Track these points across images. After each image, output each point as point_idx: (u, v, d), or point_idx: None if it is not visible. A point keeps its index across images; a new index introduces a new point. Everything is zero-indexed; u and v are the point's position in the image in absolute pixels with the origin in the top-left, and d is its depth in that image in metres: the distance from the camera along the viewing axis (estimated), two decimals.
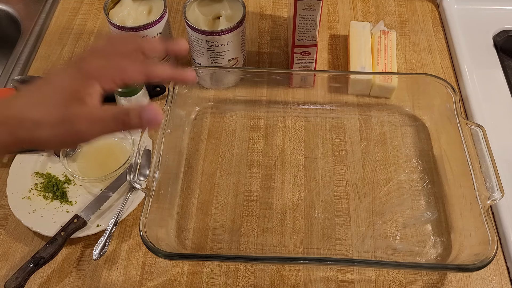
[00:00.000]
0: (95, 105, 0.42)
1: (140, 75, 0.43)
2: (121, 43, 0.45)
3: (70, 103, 0.41)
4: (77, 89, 0.41)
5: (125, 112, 0.41)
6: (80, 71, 0.42)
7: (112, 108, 0.41)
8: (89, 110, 0.41)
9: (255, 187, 0.68)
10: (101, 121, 0.41)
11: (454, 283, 0.61)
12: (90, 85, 0.41)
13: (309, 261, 0.60)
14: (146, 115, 0.41)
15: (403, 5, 0.92)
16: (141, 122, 0.41)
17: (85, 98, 0.41)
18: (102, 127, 0.41)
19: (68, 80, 0.42)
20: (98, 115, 0.41)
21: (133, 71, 0.43)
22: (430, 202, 0.66)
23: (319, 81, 0.77)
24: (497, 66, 0.81)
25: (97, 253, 0.60)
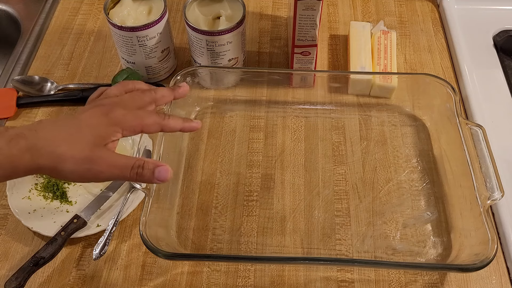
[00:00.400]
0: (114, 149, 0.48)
1: (157, 127, 0.50)
2: (139, 97, 0.51)
3: (96, 146, 0.46)
4: (104, 134, 0.47)
5: (141, 165, 0.46)
6: (107, 117, 0.47)
7: (131, 158, 0.47)
8: (111, 156, 0.46)
9: (255, 187, 0.68)
10: (120, 168, 0.46)
11: (454, 283, 0.61)
12: (114, 131, 0.47)
13: (309, 261, 0.60)
14: (158, 173, 0.47)
15: (403, 5, 0.92)
16: (152, 178, 0.47)
17: (108, 143, 0.47)
18: (119, 172, 0.46)
19: (96, 124, 0.47)
20: (118, 162, 0.46)
21: (151, 123, 0.49)
22: (430, 202, 0.66)
23: (319, 81, 0.77)
24: (497, 66, 0.81)
25: (97, 253, 0.60)
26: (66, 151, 0.45)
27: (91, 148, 0.46)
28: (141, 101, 0.51)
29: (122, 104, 0.49)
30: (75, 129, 0.47)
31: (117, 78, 0.68)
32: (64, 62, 0.83)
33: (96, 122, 0.47)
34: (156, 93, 0.52)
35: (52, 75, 0.81)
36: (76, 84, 0.79)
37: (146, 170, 0.46)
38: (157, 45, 0.74)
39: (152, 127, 0.49)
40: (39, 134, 0.45)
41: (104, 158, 0.46)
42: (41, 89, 0.79)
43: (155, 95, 0.52)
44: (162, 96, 0.53)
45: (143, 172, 0.46)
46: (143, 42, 0.72)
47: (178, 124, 0.51)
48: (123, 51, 0.75)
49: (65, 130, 0.46)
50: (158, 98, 0.52)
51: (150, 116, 0.49)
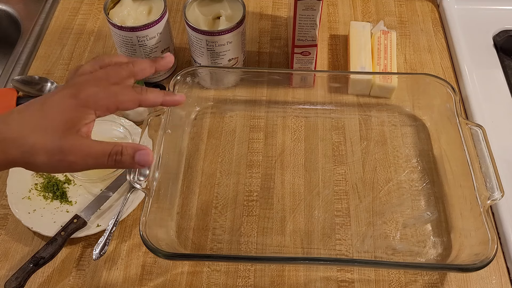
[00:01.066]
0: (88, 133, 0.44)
1: (134, 103, 0.45)
2: (114, 71, 0.46)
3: (67, 133, 0.42)
4: (74, 118, 0.43)
5: (119, 150, 0.43)
6: (76, 98, 0.43)
7: (107, 144, 0.43)
8: (85, 143, 0.43)
9: (255, 187, 0.68)
10: (95, 156, 0.43)
11: (454, 283, 0.61)
12: (86, 113, 0.43)
13: (309, 261, 0.60)
14: (139, 157, 0.43)
15: (403, 5, 0.92)
16: (133, 163, 0.43)
17: (80, 128, 0.43)
18: (94, 162, 0.43)
19: (64, 108, 0.43)
20: (93, 150, 0.43)
21: (127, 99, 0.45)
22: (430, 202, 0.66)
23: (319, 81, 0.77)
24: (497, 66, 0.81)
25: (97, 253, 0.60)
26: (36, 142, 0.41)
27: (61, 136, 0.42)
28: (116, 75, 0.46)
29: (94, 81, 0.45)
30: (43, 116, 0.43)
31: None
32: (64, 62, 0.83)
33: (65, 106, 0.43)
34: (135, 65, 0.47)
35: (52, 75, 0.81)
36: None
37: (125, 156, 0.43)
38: (157, 45, 0.74)
39: (129, 103, 0.45)
40: (9, 126, 0.42)
41: (77, 147, 0.42)
42: (41, 89, 0.79)
43: (133, 68, 0.47)
44: (142, 69, 0.48)
45: (122, 159, 0.43)
46: (143, 42, 0.72)
47: (159, 98, 0.47)
48: (123, 51, 0.75)
49: (34, 118, 0.43)
50: (136, 71, 0.47)
51: (125, 92, 0.45)
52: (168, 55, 0.50)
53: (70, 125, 0.43)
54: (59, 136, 0.42)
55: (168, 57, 0.50)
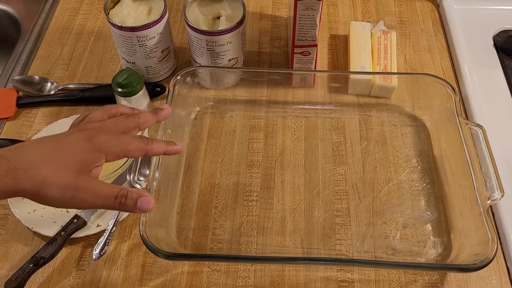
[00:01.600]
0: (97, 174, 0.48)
1: (140, 152, 0.50)
2: (122, 122, 0.50)
3: (80, 172, 0.45)
4: (88, 160, 0.46)
5: (124, 194, 0.46)
6: (91, 143, 0.47)
7: (115, 188, 0.46)
8: (96, 185, 0.46)
9: (255, 187, 0.68)
10: (104, 197, 0.46)
11: (454, 283, 0.61)
12: (98, 157, 0.47)
13: (309, 261, 0.60)
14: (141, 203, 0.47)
15: (403, 5, 0.92)
16: (134, 208, 0.47)
17: (92, 169, 0.47)
18: (102, 202, 0.46)
19: (79, 149, 0.46)
20: (102, 191, 0.46)
21: (135, 148, 0.49)
22: (430, 202, 0.66)
23: (319, 81, 0.77)
24: (497, 66, 0.81)
25: (97, 253, 0.60)
26: (49, 175, 0.44)
27: (75, 175, 0.45)
28: (124, 126, 0.50)
29: (106, 129, 0.49)
30: (58, 153, 0.46)
31: (117, 78, 0.68)
32: (64, 62, 0.83)
33: (80, 148, 0.46)
34: (140, 118, 0.52)
35: (52, 75, 0.81)
36: (76, 84, 0.79)
37: (129, 200, 0.46)
38: (157, 45, 0.74)
39: (136, 152, 0.49)
40: (21, 156, 0.44)
41: (89, 187, 0.45)
42: (41, 89, 0.79)
43: (138, 120, 0.52)
44: (145, 121, 0.53)
45: (126, 202, 0.46)
46: (143, 42, 0.72)
47: (161, 148, 0.52)
48: (123, 51, 0.75)
49: (47, 153, 0.46)
50: (141, 123, 0.52)
51: (133, 142, 0.49)
52: (166, 106, 0.55)
53: (84, 166, 0.46)
54: (73, 174, 0.45)
55: (166, 109, 0.55)
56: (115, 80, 0.68)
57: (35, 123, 0.75)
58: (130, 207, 0.47)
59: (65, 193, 0.44)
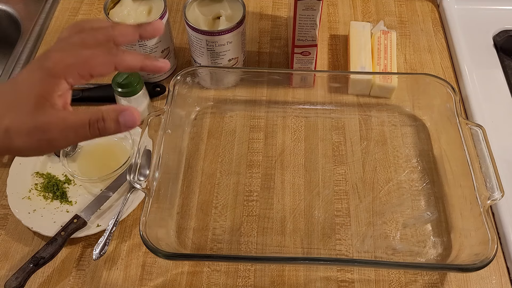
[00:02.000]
0: (65, 104, 0.40)
1: (109, 67, 0.41)
2: (89, 34, 0.41)
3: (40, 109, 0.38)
4: (43, 90, 0.39)
5: (100, 117, 0.39)
6: (43, 69, 0.39)
7: (85, 113, 0.39)
8: (60, 116, 0.39)
9: (255, 187, 0.68)
10: (74, 128, 0.39)
11: (454, 283, 0.61)
12: (56, 84, 0.39)
13: (309, 261, 0.60)
14: (123, 118, 0.39)
15: (403, 5, 0.92)
16: (119, 127, 0.39)
17: (54, 100, 0.39)
18: (75, 134, 0.39)
19: (32, 82, 0.39)
20: (70, 122, 0.38)
21: (100, 62, 0.40)
22: (430, 202, 0.66)
23: (319, 81, 0.77)
24: (497, 66, 0.81)
25: (97, 253, 0.60)
26: (10, 125, 0.38)
27: (34, 114, 0.38)
28: (92, 39, 0.41)
29: (66, 47, 0.40)
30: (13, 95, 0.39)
31: (117, 78, 0.68)
32: None
33: (33, 80, 0.39)
34: (114, 29, 0.42)
35: None
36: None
37: (109, 122, 0.38)
38: (157, 45, 0.74)
39: (103, 67, 0.40)
40: None
41: (53, 123, 0.38)
42: None
43: (112, 31, 0.42)
44: (122, 34, 0.42)
45: (106, 125, 0.38)
46: (143, 42, 0.72)
47: (138, 61, 0.42)
48: None
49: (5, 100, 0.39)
50: (116, 35, 0.42)
51: (98, 55, 0.40)
52: (157, 21, 0.44)
53: (41, 99, 0.38)
54: (32, 114, 0.38)
55: (156, 24, 0.44)
56: (115, 80, 0.68)
57: None
58: (113, 128, 0.39)
59: (31, 139, 0.38)
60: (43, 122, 0.38)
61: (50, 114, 0.38)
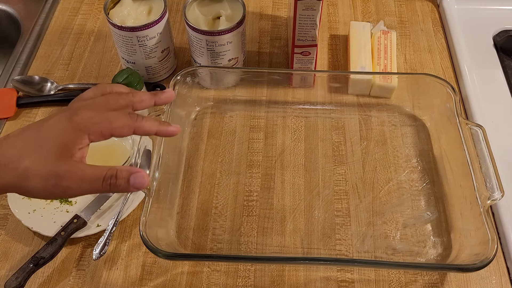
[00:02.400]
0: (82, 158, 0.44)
1: (128, 130, 0.45)
2: (113, 98, 0.46)
3: (61, 158, 0.42)
4: (68, 142, 0.42)
5: (113, 174, 0.42)
6: (71, 122, 0.43)
7: (101, 168, 0.43)
8: (80, 168, 0.42)
9: (255, 187, 0.68)
10: (90, 181, 0.42)
11: (454, 283, 0.61)
12: (79, 138, 0.43)
13: (309, 261, 0.60)
14: (134, 180, 0.43)
15: (403, 5, 0.92)
16: (128, 187, 0.43)
17: (75, 152, 0.43)
18: (90, 186, 0.42)
19: (59, 131, 0.43)
20: (87, 174, 0.42)
21: (121, 125, 0.44)
22: (430, 202, 0.66)
23: (319, 81, 0.77)
24: (497, 66, 0.81)
25: (97, 253, 0.60)
26: (30, 166, 0.41)
27: (55, 161, 0.41)
28: (115, 103, 0.46)
29: (92, 106, 0.45)
30: (38, 140, 0.42)
31: (117, 78, 0.68)
32: (64, 62, 0.83)
33: (60, 129, 0.43)
34: (134, 96, 0.47)
35: (52, 75, 0.81)
36: (76, 84, 0.79)
37: (120, 180, 0.42)
38: (157, 45, 0.74)
39: (123, 130, 0.44)
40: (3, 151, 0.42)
41: (72, 172, 0.42)
42: (41, 89, 0.79)
43: (132, 98, 0.47)
44: (141, 101, 0.47)
45: (117, 182, 0.42)
46: (143, 42, 0.72)
47: (154, 126, 0.46)
48: (123, 51, 0.75)
49: (28, 142, 0.42)
50: (135, 102, 0.47)
51: (120, 118, 0.44)
52: (169, 90, 0.50)
53: (65, 150, 0.42)
54: (53, 161, 0.41)
55: (168, 92, 0.50)
56: (115, 80, 0.68)
57: None
58: (123, 187, 0.43)
59: (47, 183, 0.41)
60: (64, 170, 0.41)
61: (70, 164, 0.42)
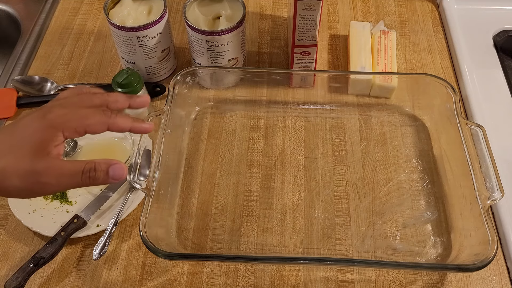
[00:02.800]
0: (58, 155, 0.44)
1: (102, 126, 0.46)
2: (88, 98, 0.47)
3: (37, 155, 0.42)
4: (42, 139, 0.43)
5: (92, 167, 0.43)
6: (44, 119, 0.44)
7: (80, 163, 0.44)
8: (58, 164, 0.43)
9: (255, 187, 0.68)
10: (69, 175, 0.43)
11: (454, 283, 0.61)
12: (54, 135, 0.43)
13: (309, 261, 0.60)
14: (113, 172, 0.44)
15: (403, 5, 0.92)
16: (107, 178, 0.44)
17: (50, 149, 0.43)
18: (69, 180, 0.43)
19: (33, 130, 0.43)
20: (66, 169, 0.43)
21: (95, 122, 0.45)
22: (430, 202, 0.66)
23: (319, 81, 0.77)
24: (497, 66, 0.81)
25: (97, 253, 0.60)
26: (7, 166, 0.42)
27: (32, 159, 0.42)
28: (89, 101, 0.47)
29: (66, 104, 0.46)
30: (12, 140, 0.43)
31: (117, 78, 0.68)
32: (64, 62, 0.83)
33: (34, 128, 0.43)
34: (109, 96, 0.48)
35: (52, 75, 0.81)
36: (76, 84, 0.79)
37: (99, 172, 0.44)
38: (157, 45, 0.74)
39: (97, 127, 0.46)
40: None
41: (50, 168, 0.42)
42: (41, 89, 0.79)
43: (107, 97, 0.48)
44: (115, 101, 0.48)
45: (96, 175, 0.43)
46: (143, 42, 0.72)
47: (127, 123, 0.47)
48: (123, 51, 0.75)
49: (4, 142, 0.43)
50: (110, 101, 0.48)
51: (94, 115, 0.45)
52: (145, 96, 0.52)
53: (40, 147, 0.43)
54: (30, 159, 0.42)
55: (144, 97, 0.51)
56: (115, 80, 0.68)
57: None
58: (102, 179, 0.44)
59: (26, 181, 0.42)
60: (42, 167, 0.42)
61: (48, 161, 0.43)
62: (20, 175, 0.42)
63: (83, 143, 0.70)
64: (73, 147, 0.69)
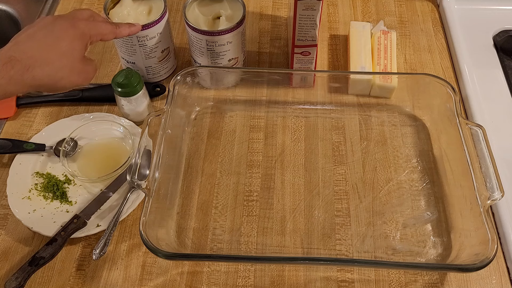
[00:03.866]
0: None
1: (112, 34, 0.61)
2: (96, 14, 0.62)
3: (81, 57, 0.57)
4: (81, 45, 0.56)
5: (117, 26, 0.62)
6: (77, 28, 0.56)
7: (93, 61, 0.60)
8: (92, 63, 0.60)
9: (255, 187, 0.68)
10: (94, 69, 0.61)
11: (454, 283, 0.61)
12: (86, 41, 0.57)
13: (309, 261, 0.60)
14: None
15: (403, 5, 0.92)
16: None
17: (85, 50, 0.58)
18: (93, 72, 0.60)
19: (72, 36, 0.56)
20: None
21: (108, 32, 0.60)
22: (430, 202, 0.66)
23: (319, 81, 0.77)
24: (497, 66, 0.81)
25: (97, 253, 0.60)
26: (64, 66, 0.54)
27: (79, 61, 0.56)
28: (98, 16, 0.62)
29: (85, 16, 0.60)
30: (57, 45, 0.54)
31: (117, 78, 0.68)
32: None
33: (71, 35, 0.55)
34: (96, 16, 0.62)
35: None
36: None
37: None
38: (157, 45, 0.74)
39: (109, 35, 0.60)
40: (30, 55, 0.52)
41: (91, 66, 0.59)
42: None
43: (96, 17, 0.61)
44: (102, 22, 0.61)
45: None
46: (143, 42, 0.72)
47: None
48: (123, 51, 0.75)
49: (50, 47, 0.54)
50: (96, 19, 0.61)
51: (106, 26, 0.60)
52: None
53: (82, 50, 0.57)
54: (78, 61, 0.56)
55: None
56: (115, 80, 0.68)
57: (35, 123, 0.75)
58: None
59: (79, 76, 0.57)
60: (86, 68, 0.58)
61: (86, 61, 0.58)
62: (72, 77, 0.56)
63: (83, 143, 0.70)
64: (73, 147, 0.69)
